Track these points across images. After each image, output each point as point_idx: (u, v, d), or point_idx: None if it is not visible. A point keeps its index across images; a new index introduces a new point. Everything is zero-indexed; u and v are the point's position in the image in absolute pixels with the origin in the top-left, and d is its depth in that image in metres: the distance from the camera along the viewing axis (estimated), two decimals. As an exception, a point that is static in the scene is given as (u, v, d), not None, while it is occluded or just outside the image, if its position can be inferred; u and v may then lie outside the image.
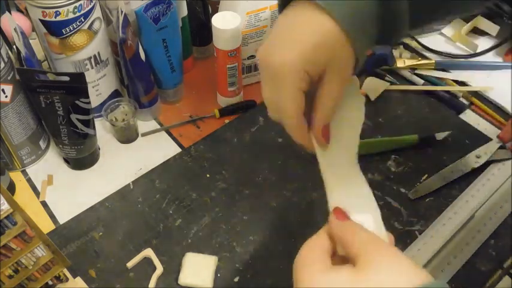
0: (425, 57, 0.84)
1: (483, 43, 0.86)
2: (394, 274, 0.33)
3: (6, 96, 0.61)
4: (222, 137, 0.74)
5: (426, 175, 0.68)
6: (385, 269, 0.33)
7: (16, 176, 0.69)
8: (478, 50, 0.84)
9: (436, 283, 0.33)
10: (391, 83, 0.80)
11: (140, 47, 0.69)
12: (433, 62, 0.82)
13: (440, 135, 0.71)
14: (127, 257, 0.60)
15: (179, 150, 0.73)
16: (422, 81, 0.80)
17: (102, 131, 0.74)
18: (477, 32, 0.88)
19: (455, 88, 0.79)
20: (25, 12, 0.83)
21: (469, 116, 0.76)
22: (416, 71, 0.82)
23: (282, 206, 0.65)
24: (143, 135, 0.75)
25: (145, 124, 0.76)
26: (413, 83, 0.81)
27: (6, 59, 0.60)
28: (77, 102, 0.62)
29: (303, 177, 0.68)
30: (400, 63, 0.82)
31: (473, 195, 0.65)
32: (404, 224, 0.63)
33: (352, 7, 0.37)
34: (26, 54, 0.62)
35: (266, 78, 0.40)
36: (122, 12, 0.64)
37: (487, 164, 0.69)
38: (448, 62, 0.83)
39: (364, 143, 0.71)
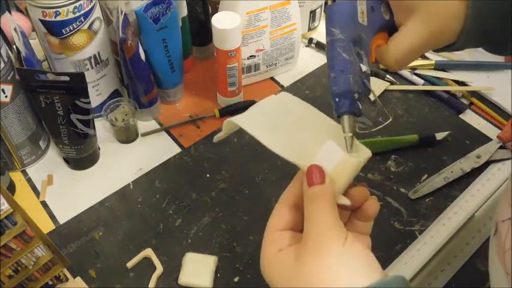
0: (426, 57, 0.85)
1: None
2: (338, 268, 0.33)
3: (6, 96, 0.61)
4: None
5: (426, 175, 0.68)
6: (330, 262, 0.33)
7: (16, 176, 0.69)
8: (476, 53, 0.84)
9: (388, 280, 0.32)
10: (391, 83, 0.80)
11: (140, 47, 0.69)
12: (433, 62, 0.82)
13: (440, 135, 0.71)
14: (127, 257, 0.60)
15: (179, 150, 0.73)
16: (422, 81, 0.80)
17: (102, 131, 0.74)
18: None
19: (455, 88, 0.79)
20: (25, 12, 0.83)
21: (469, 116, 0.76)
22: (416, 71, 0.82)
23: (282, 206, 0.65)
24: (143, 135, 0.74)
25: (145, 124, 0.76)
26: (413, 83, 0.81)
27: (6, 59, 0.60)
28: (77, 102, 0.62)
29: (303, 177, 0.68)
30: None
31: (473, 195, 0.65)
32: (404, 224, 0.63)
33: None
34: (26, 54, 0.62)
35: None
36: (122, 12, 0.64)
37: (487, 164, 0.69)
38: (448, 62, 0.83)
39: (364, 143, 0.71)
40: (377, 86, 0.79)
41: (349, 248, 0.34)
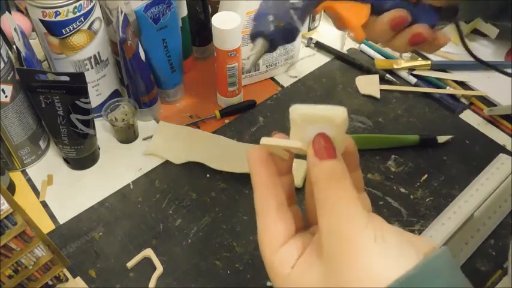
0: (426, 58, 0.84)
1: (482, 45, 0.86)
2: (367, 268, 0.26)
3: (6, 96, 0.61)
4: (222, 137, 0.74)
5: (426, 175, 0.68)
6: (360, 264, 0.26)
7: (16, 176, 0.69)
8: (476, 53, 0.84)
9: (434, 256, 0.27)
10: (391, 83, 0.80)
11: (140, 47, 0.69)
12: (429, 63, 0.82)
13: (442, 139, 0.71)
14: (127, 257, 0.60)
15: (179, 150, 0.73)
16: (415, 80, 0.80)
17: (102, 131, 0.74)
18: (477, 33, 0.88)
19: (455, 91, 0.79)
20: (25, 12, 0.83)
21: (469, 116, 0.76)
22: (415, 72, 0.82)
23: (281, 206, 0.65)
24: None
25: (145, 124, 0.76)
26: (414, 85, 0.81)
27: (6, 59, 0.60)
28: (77, 102, 0.62)
29: (302, 177, 0.68)
30: (396, 64, 0.82)
31: (472, 194, 0.65)
32: (404, 224, 0.63)
33: None
34: (26, 54, 0.62)
35: None
36: (122, 12, 0.64)
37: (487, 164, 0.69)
38: (448, 62, 0.83)
39: (364, 137, 0.72)
40: (370, 81, 0.79)
41: (381, 239, 0.27)
